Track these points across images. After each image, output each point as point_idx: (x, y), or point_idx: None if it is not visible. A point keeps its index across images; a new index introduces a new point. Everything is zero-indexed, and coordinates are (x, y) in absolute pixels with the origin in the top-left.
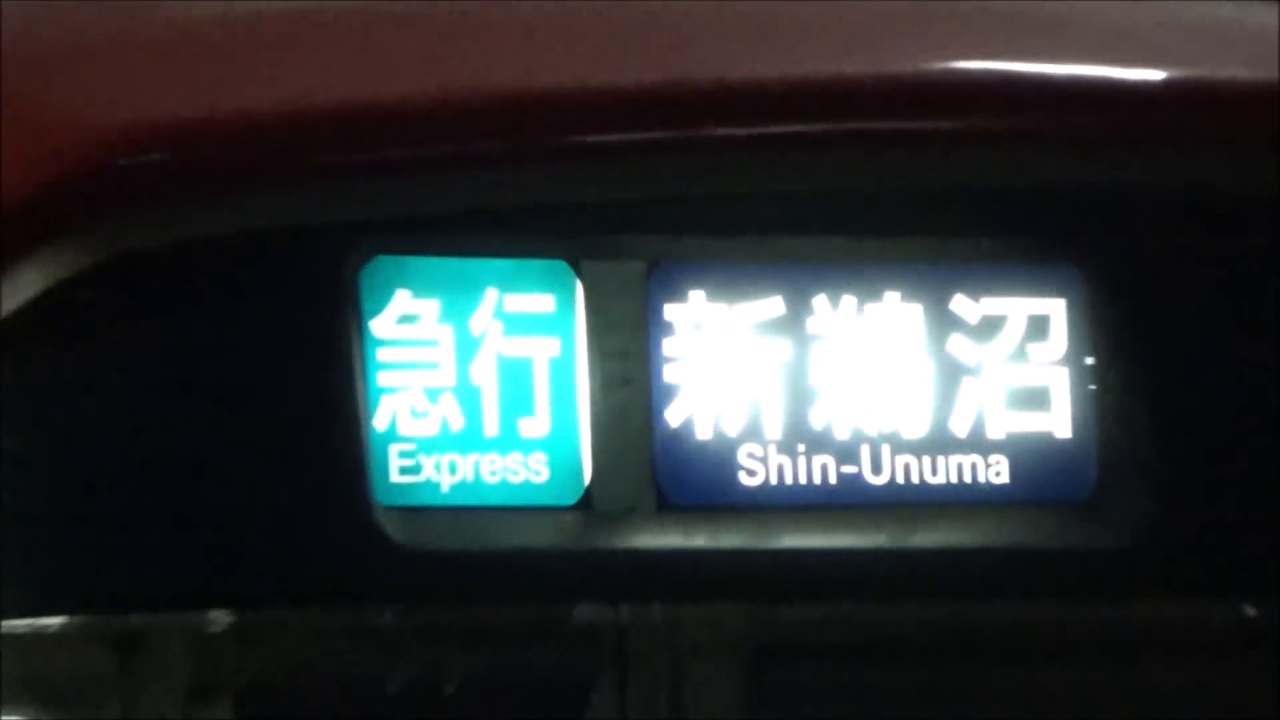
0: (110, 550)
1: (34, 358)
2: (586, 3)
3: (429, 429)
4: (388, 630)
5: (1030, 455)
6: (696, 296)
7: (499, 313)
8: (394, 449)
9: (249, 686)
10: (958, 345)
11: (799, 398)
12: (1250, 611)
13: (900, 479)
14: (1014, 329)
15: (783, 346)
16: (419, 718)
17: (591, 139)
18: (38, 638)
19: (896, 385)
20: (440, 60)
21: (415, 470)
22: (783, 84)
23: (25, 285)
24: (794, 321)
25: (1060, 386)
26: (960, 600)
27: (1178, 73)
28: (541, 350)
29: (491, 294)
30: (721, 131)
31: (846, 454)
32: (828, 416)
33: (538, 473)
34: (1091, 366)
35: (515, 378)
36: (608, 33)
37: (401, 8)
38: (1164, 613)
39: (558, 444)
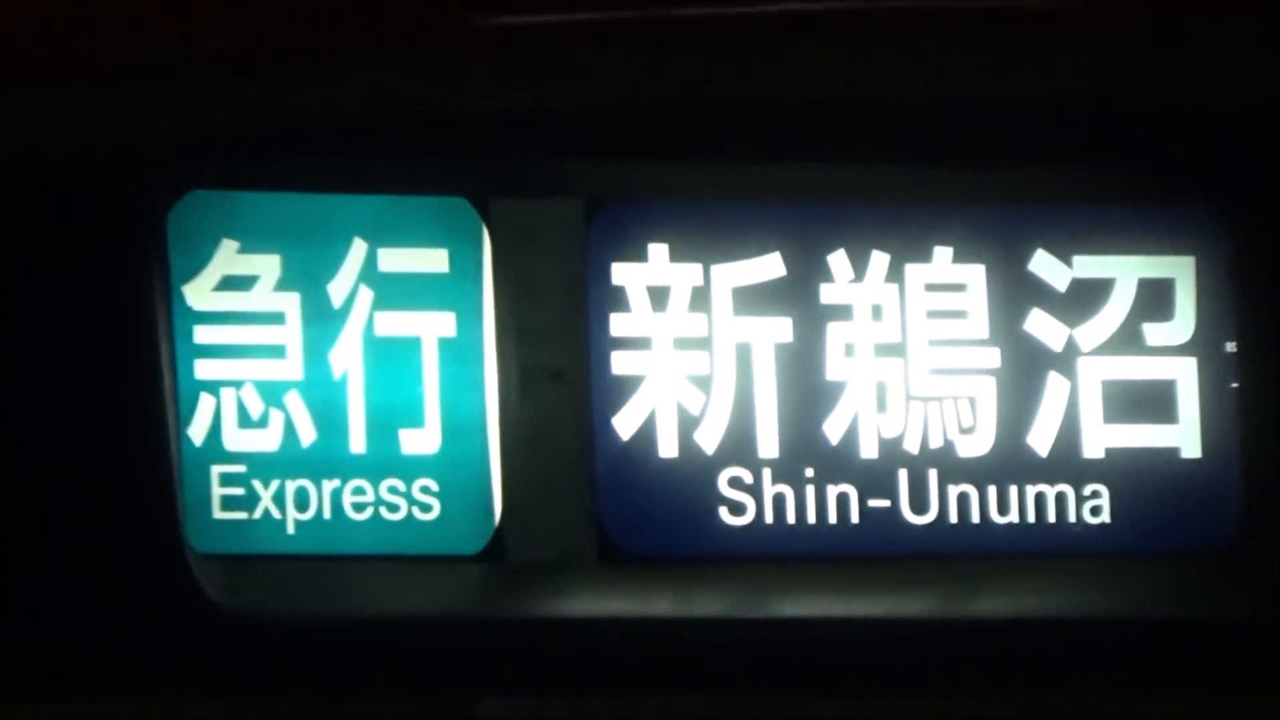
0: None
1: None
2: None
3: (267, 443)
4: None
5: (1146, 484)
6: (657, 251)
7: (370, 274)
8: (216, 471)
9: None
10: (1039, 323)
11: (807, 400)
12: None
13: (954, 518)
14: (1121, 300)
15: (782, 325)
16: None
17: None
18: None
19: (948, 383)
20: None
21: (247, 503)
22: None
23: None
24: (799, 288)
25: (1188, 384)
26: (1040, 694)
27: None
28: (431, 328)
29: (359, 246)
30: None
31: (876, 482)
32: (849, 428)
33: (427, 507)
34: (1233, 355)
35: (394, 369)
36: None
37: None
38: None
39: (455, 466)
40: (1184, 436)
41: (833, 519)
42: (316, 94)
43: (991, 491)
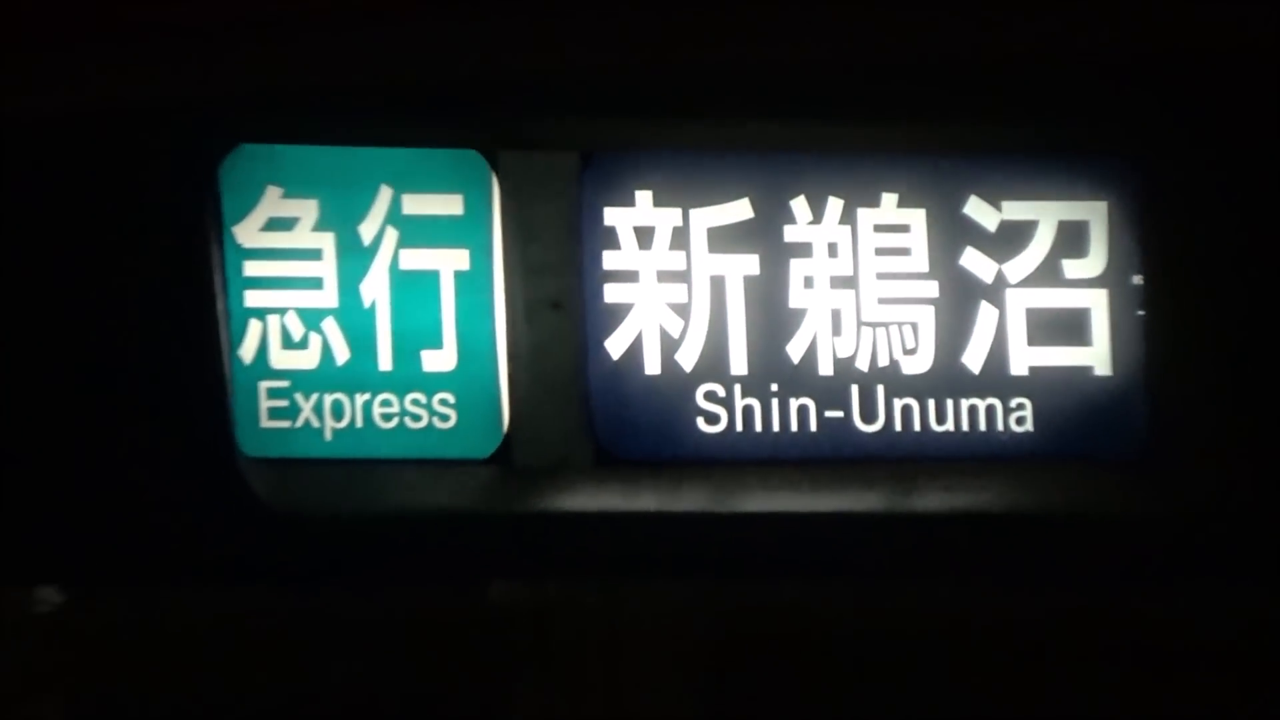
0: None
1: None
2: None
3: (308, 362)
4: (255, 614)
5: (1063, 399)
6: (643, 197)
7: (395, 216)
8: (264, 387)
9: (80, 677)
10: (972, 259)
11: (772, 325)
12: None
13: (898, 426)
14: (1043, 239)
15: (750, 261)
16: None
17: None
18: None
19: (893, 310)
20: None
21: (290, 414)
22: None
23: None
24: (766, 229)
25: (1101, 312)
26: (972, 579)
27: None
28: (448, 263)
29: (386, 193)
30: None
31: (831, 396)
32: (808, 349)
33: (444, 417)
34: (1141, 287)
35: (416, 298)
36: None
37: None
38: (1228, 599)
39: (469, 382)
40: (1097, 357)
41: (794, 427)
42: (350, 58)
43: (931, 404)
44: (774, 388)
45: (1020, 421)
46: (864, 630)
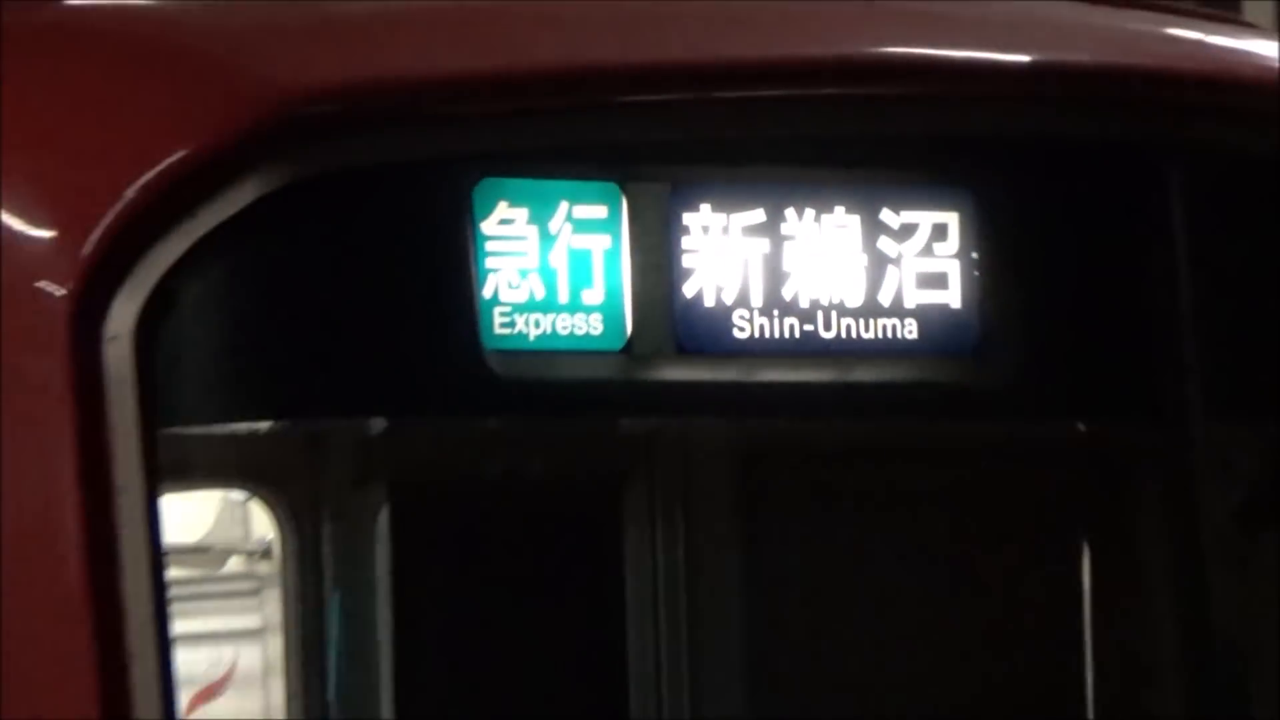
0: (302, 365)
1: (234, 257)
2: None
3: (521, 297)
4: (489, 432)
5: (933, 320)
6: (705, 208)
7: (569, 218)
8: (496, 311)
9: (397, 475)
10: (885, 244)
11: (775, 278)
12: (1081, 428)
13: (844, 335)
14: (923, 232)
15: (763, 243)
16: (506, 500)
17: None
18: (250, 436)
19: (842, 270)
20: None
21: (510, 325)
22: (760, 62)
23: (241, 197)
24: (772, 226)
25: (955, 273)
26: (888, 418)
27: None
28: (598, 244)
29: (564, 205)
30: (721, 94)
31: (808, 317)
32: (795, 291)
33: (595, 327)
34: (976, 259)
35: (580, 262)
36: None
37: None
38: (1024, 430)
39: (609, 307)
40: (953, 297)
41: (787, 335)
42: (548, 136)
43: (862, 322)
44: (776, 312)
45: (910, 333)
46: (831, 445)
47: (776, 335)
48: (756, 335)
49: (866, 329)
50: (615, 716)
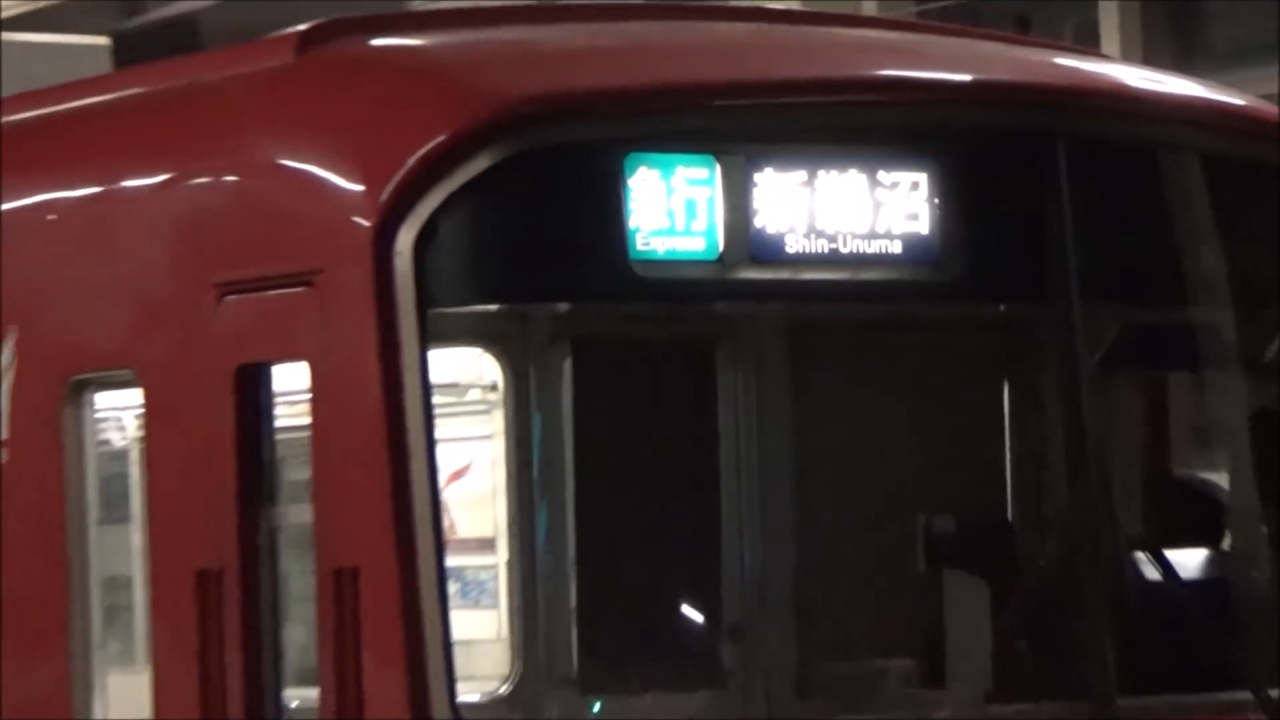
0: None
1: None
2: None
3: (654, 225)
4: (633, 312)
5: (910, 240)
6: (768, 169)
7: (684, 177)
8: (639, 235)
9: (575, 339)
10: (880, 193)
11: (810, 214)
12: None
13: (856, 250)
14: (904, 185)
15: (804, 192)
16: (642, 358)
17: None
18: (486, 313)
19: (854, 209)
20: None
21: (647, 244)
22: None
23: (478, 165)
24: (809, 182)
25: (924, 212)
26: (883, 303)
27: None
28: (701, 194)
29: (680, 169)
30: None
31: (832, 239)
32: (824, 223)
33: (699, 245)
34: (938, 203)
35: (690, 204)
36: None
37: (690, 38)
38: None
39: (709, 233)
40: (922, 226)
41: (818, 250)
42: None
43: (866, 242)
44: (812, 235)
45: (896, 248)
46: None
47: (813, 250)
48: (800, 250)
49: (869, 246)
50: (711, 500)
